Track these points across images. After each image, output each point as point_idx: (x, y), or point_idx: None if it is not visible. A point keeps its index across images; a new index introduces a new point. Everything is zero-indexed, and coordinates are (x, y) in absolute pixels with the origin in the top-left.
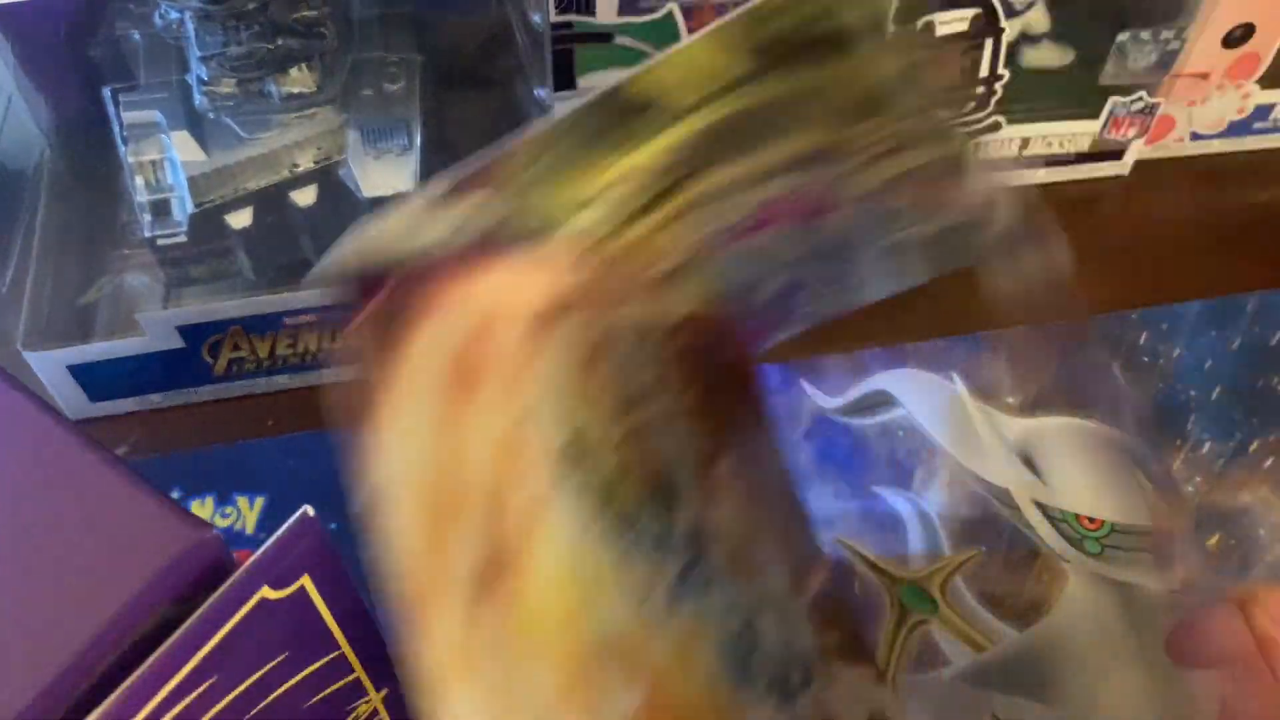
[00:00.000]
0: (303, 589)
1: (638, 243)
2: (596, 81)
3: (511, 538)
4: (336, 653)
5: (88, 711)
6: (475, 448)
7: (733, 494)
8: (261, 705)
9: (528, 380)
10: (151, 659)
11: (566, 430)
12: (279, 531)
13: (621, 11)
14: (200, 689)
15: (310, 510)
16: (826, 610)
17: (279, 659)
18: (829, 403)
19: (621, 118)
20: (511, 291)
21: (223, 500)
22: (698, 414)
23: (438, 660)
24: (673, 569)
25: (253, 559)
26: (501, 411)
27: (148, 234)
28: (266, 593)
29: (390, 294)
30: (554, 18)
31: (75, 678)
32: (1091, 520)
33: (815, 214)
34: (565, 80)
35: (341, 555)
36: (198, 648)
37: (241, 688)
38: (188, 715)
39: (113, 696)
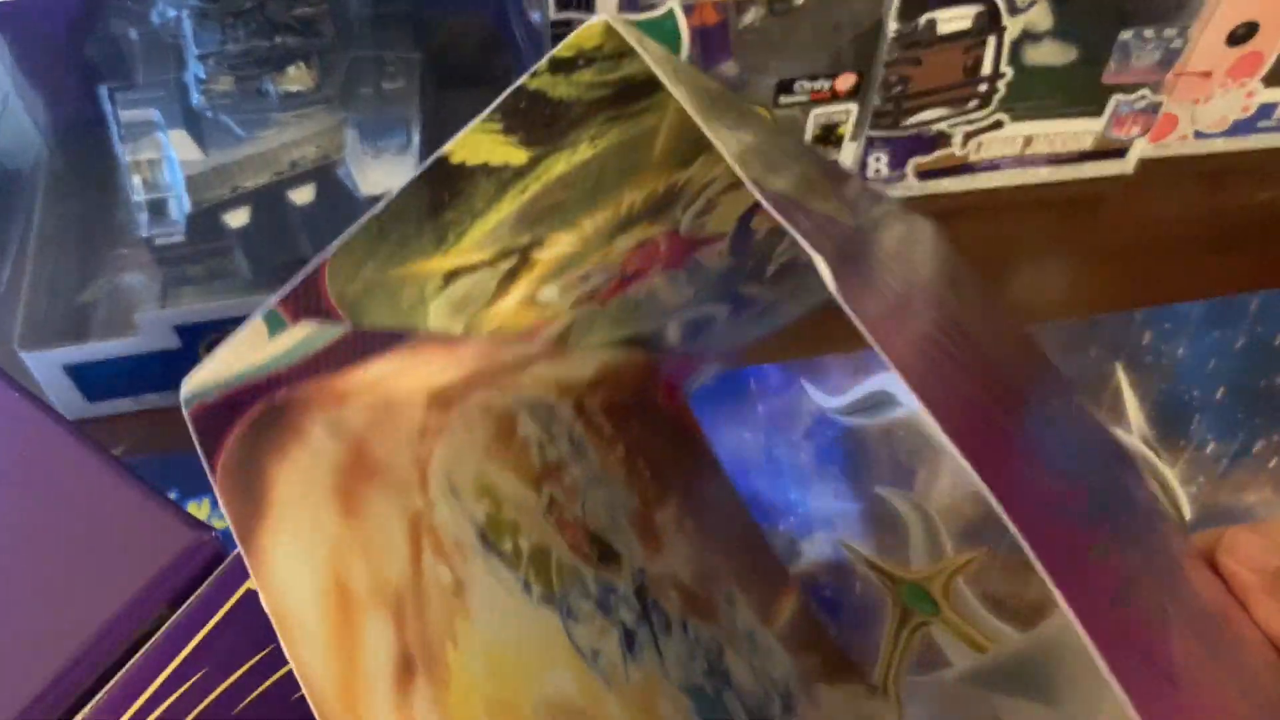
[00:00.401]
0: None
1: (515, 311)
2: None
3: (433, 626)
4: None
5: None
6: (380, 546)
7: (681, 539)
8: (250, 697)
9: (433, 466)
10: (141, 652)
11: (482, 509)
12: None
13: (622, 10)
14: (190, 681)
15: None
16: (803, 634)
17: (266, 651)
18: (830, 402)
19: (438, 205)
20: (400, 379)
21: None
22: (628, 468)
23: None
24: (620, 627)
25: (237, 551)
26: (405, 504)
27: (145, 233)
28: (252, 585)
29: (254, 414)
30: (554, 16)
31: (74, 677)
32: None
33: (686, 253)
34: None
35: None
36: (186, 641)
37: (231, 680)
38: (179, 707)
39: (104, 690)
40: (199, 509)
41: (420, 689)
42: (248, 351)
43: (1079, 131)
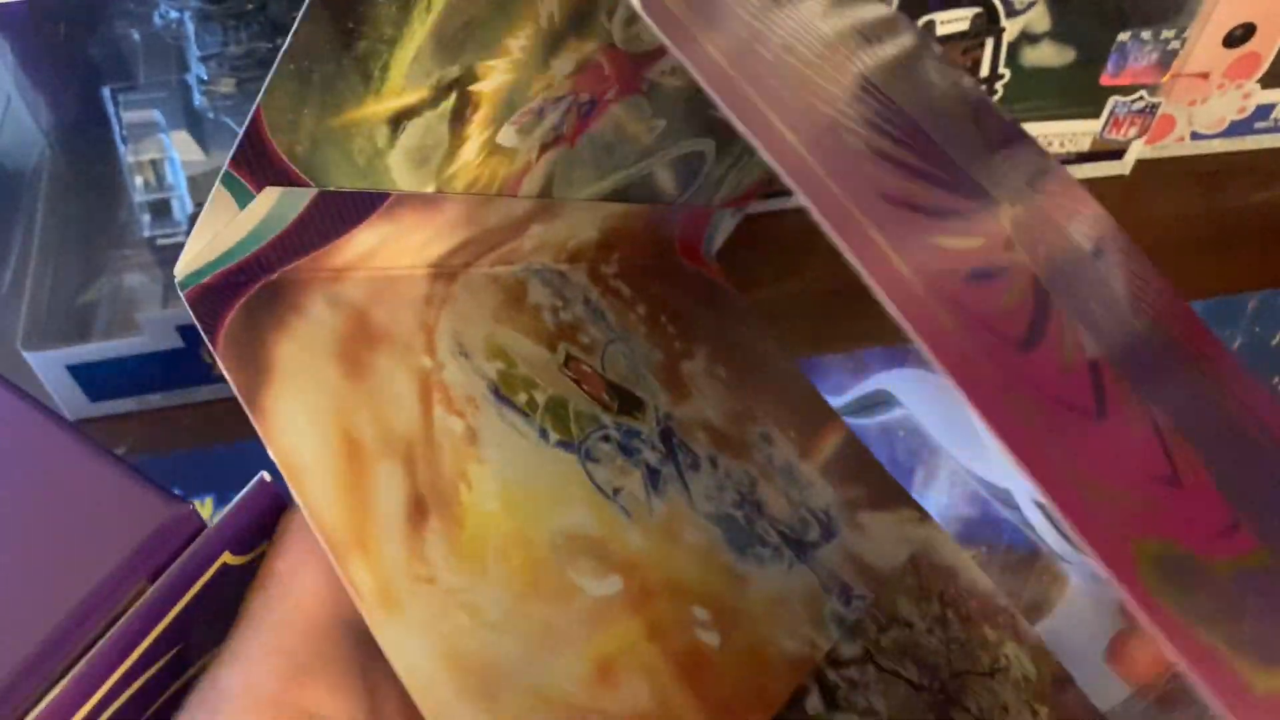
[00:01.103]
0: (263, 555)
1: (480, 161)
2: None
3: (444, 471)
4: None
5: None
6: (388, 401)
7: (712, 385)
8: None
9: (440, 330)
10: (116, 627)
11: (494, 367)
12: (237, 497)
13: None
14: (167, 656)
15: (267, 476)
16: (847, 467)
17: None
18: (830, 402)
19: (346, 35)
20: (392, 250)
21: (222, 500)
22: (651, 324)
23: (372, 595)
24: (643, 467)
25: (212, 525)
26: (412, 364)
27: (147, 234)
28: (228, 558)
29: (251, 293)
30: None
31: (54, 653)
32: None
33: (634, 73)
34: None
35: None
36: (162, 615)
37: (208, 656)
38: (155, 683)
39: (80, 664)
40: (201, 509)
41: (433, 527)
42: (224, 226)
43: (1076, 133)
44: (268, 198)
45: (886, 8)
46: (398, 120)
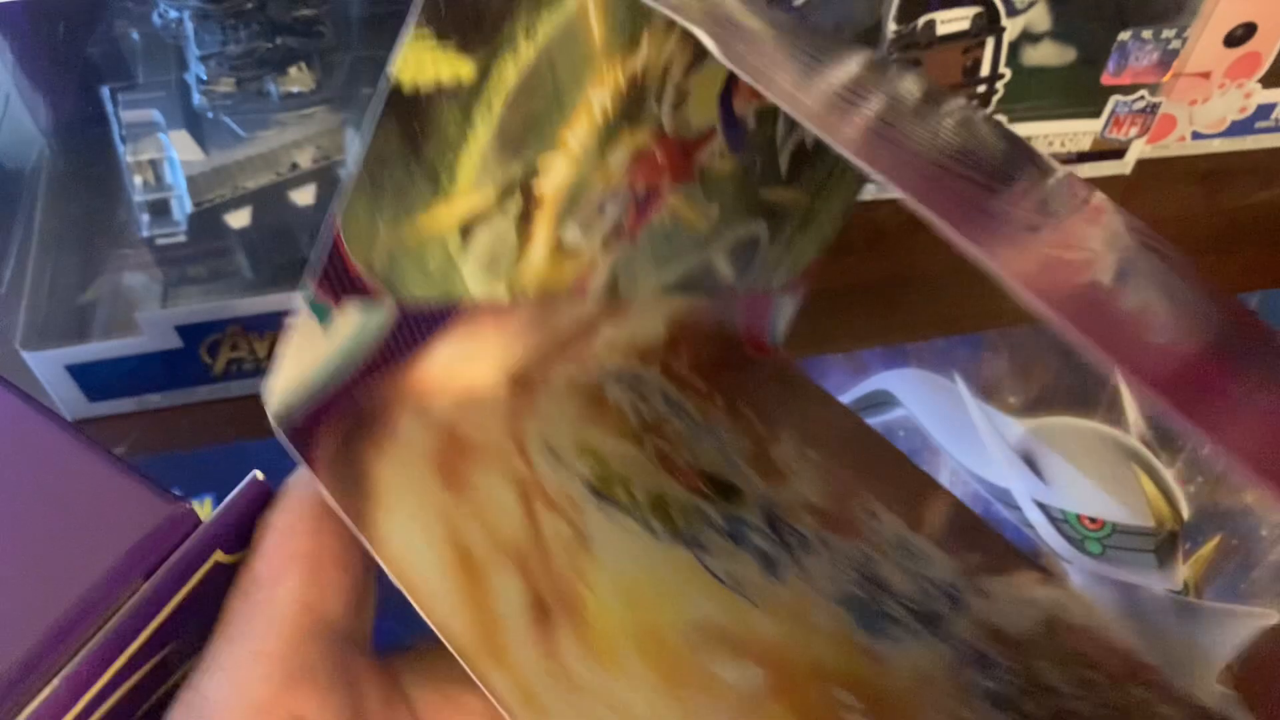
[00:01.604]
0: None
1: (548, 262)
2: None
3: (560, 572)
4: None
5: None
6: (492, 509)
7: (806, 467)
8: None
9: (528, 438)
10: (108, 625)
11: (587, 466)
12: (230, 496)
13: None
14: (159, 655)
15: (260, 474)
16: (960, 534)
17: None
18: None
19: (413, 139)
20: (470, 364)
21: (221, 500)
22: (733, 416)
23: (517, 703)
24: (756, 553)
25: (204, 524)
26: (508, 470)
27: (146, 233)
28: (220, 557)
29: (343, 422)
30: None
31: (50, 652)
32: (1093, 521)
33: (685, 159)
34: None
35: None
36: (154, 614)
37: (201, 654)
38: (148, 682)
39: (71, 664)
40: (201, 509)
41: (561, 627)
42: (309, 350)
43: (1077, 132)
44: (350, 315)
45: (917, 79)
46: (468, 226)
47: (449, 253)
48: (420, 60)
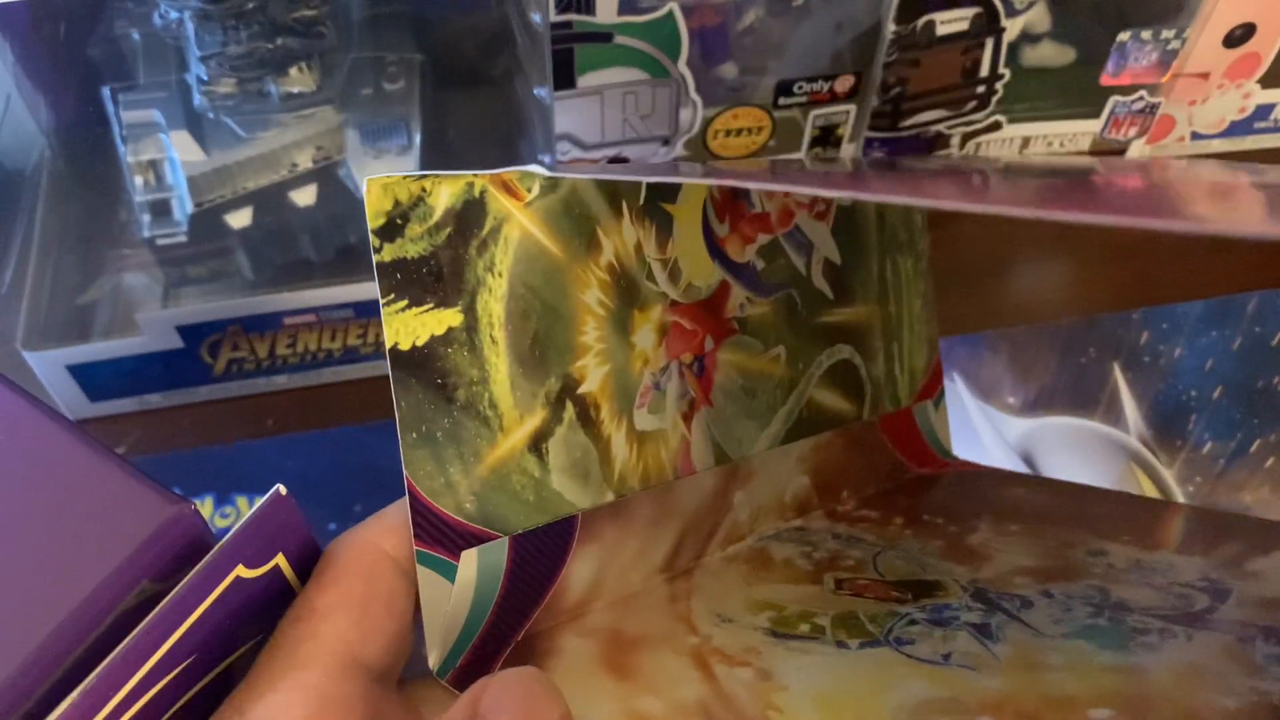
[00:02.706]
0: (277, 568)
1: (635, 451)
2: (596, 81)
3: (750, 714)
4: None
5: (73, 686)
6: (668, 682)
7: (1008, 542)
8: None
9: (695, 615)
10: (129, 638)
11: (764, 618)
12: (253, 510)
13: (621, 11)
14: (179, 668)
15: (283, 489)
16: (1207, 534)
17: (256, 639)
18: None
19: (440, 391)
20: (617, 575)
21: (222, 500)
22: (915, 528)
23: None
24: (966, 627)
25: (227, 537)
26: (679, 646)
27: (147, 234)
28: (241, 571)
29: (504, 657)
30: (554, 17)
31: (56, 653)
32: None
33: (714, 320)
34: (565, 80)
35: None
36: (175, 627)
37: (220, 667)
38: (167, 694)
39: (91, 676)
40: (201, 508)
41: None
42: (443, 604)
43: (1077, 133)
44: (468, 562)
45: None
46: (537, 446)
47: (534, 476)
48: (407, 324)
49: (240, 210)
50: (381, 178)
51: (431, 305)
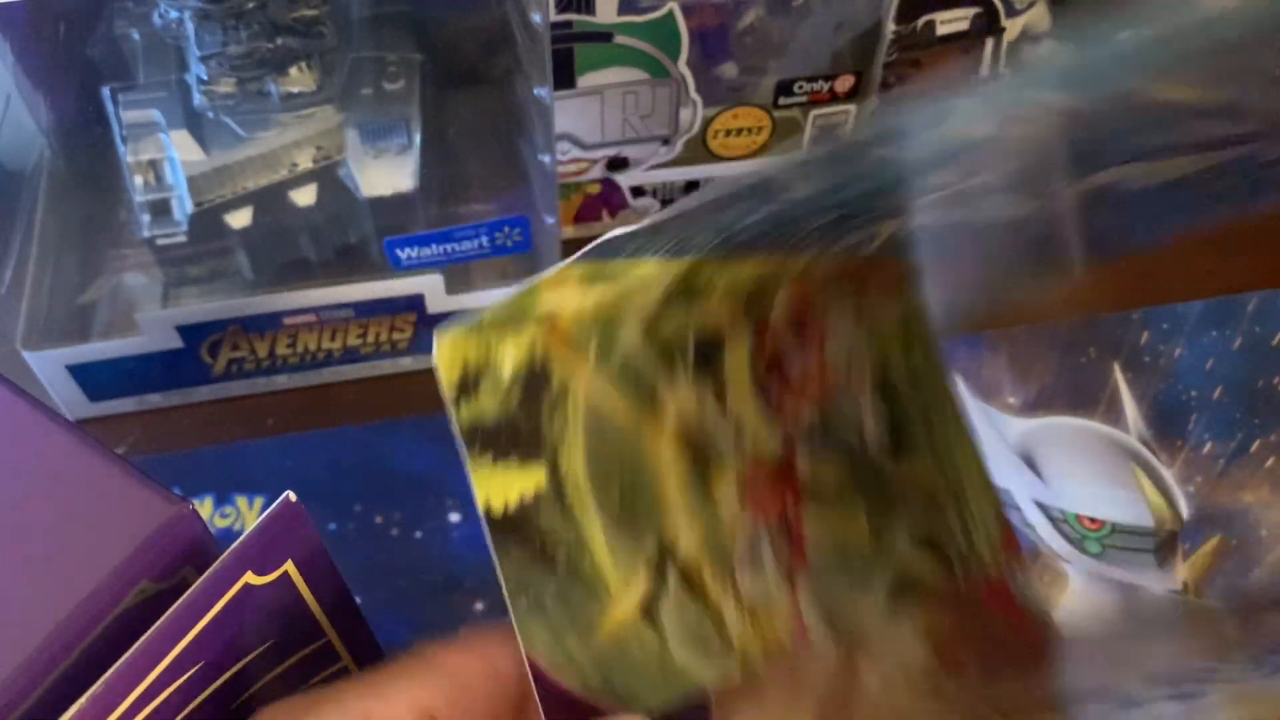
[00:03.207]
0: (286, 575)
1: (747, 623)
2: (596, 81)
3: None
4: (323, 640)
5: (74, 685)
6: None
7: None
8: (250, 692)
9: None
10: (137, 645)
11: None
12: (262, 517)
13: (621, 11)
14: (186, 675)
15: (293, 496)
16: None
17: (265, 646)
18: None
19: (539, 555)
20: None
21: (222, 500)
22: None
23: None
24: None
25: (236, 544)
26: None
27: (147, 234)
28: (250, 578)
29: None
30: (554, 17)
31: (55, 653)
32: (1092, 521)
33: (789, 472)
34: (565, 79)
35: (338, 554)
36: (183, 633)
37: (228, 674)
38: (175, 701)
39: (98, 683)
40: (201, 508)
41: None
42: None
43: None
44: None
45: None
46: (649, 614)
47: (653, 648)
48: (494, 483)
49: (240, 210)
50: (449, 336)
51: (516, 465)
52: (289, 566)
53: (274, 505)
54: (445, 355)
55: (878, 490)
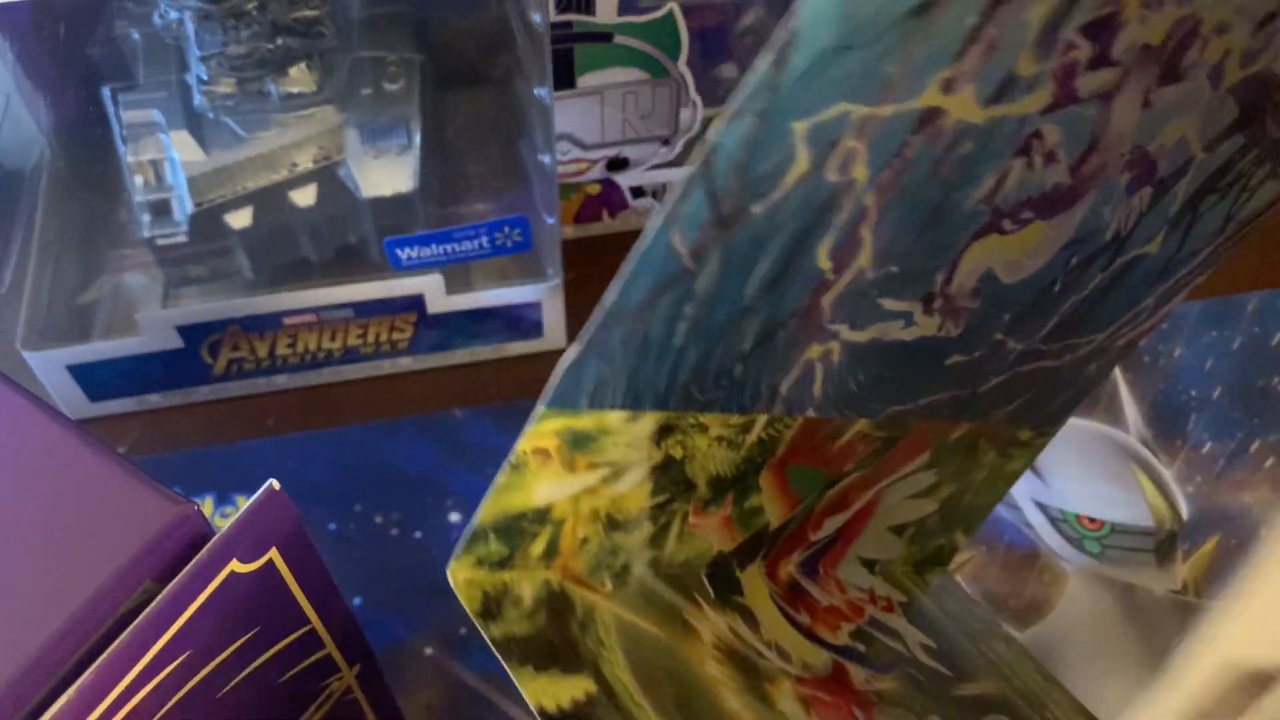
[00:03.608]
0: (271, 563)
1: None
2: (596, 81)
3: None
4: (307, 627)
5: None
6: None
7: None
8: (236, 680)
9: None
10: (125, 633)
11: None
12: (247, 505)
13: (621, 11)
14: (175, 663)
15: (276, 484)
16: None
17: (251, 633)
18: None
19: None
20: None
21: (222, 500)
22: None
23: None
24: None
25: (221, 533)
26: None
27: (147, 234)
28: (236, 566)
29: None
30: (554, 17)
31: (58, 654)
32: (1092, 520)
33: (848, 688)
34: (565, 80)
35: (338, 554)
36: (170, 622)
37: (216, 662)
38: (163, 689)
39: (87, 673)
40: (202, 508)
41: None
42: None
43: None
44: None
45: None
46: None
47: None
48: (542, 689)
49: (240, 210)
50: (463, 572)
51: (559, 674)
52: (273, 554)
53: (258, 494)
54: (462, 591)
55: (951, 703)
